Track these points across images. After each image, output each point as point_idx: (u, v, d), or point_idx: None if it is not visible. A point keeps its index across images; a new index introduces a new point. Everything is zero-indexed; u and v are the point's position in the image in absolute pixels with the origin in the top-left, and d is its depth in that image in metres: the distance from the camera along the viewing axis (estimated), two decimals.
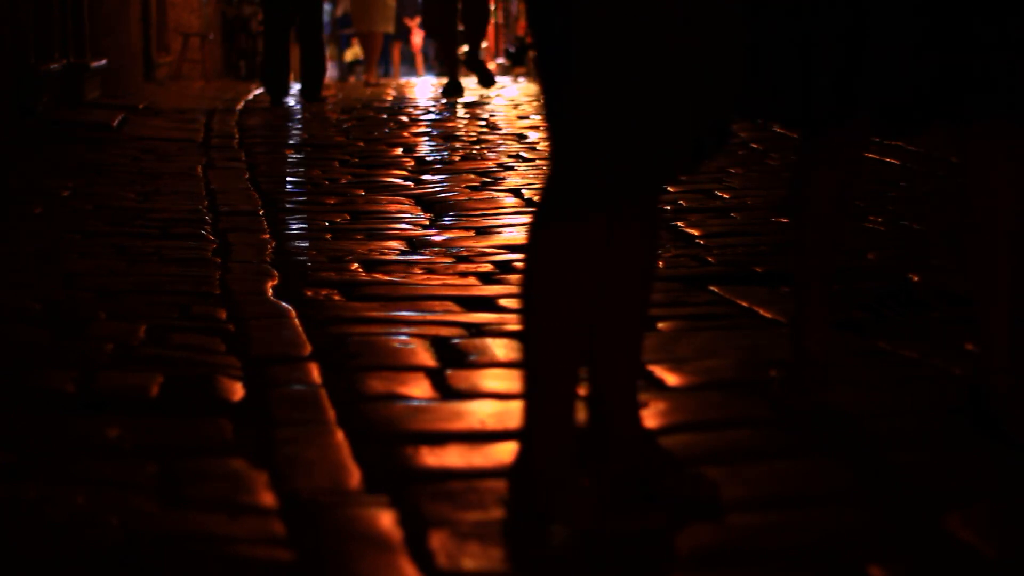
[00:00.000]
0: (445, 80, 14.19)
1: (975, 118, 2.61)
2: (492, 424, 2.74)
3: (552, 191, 2.26)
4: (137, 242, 4.92)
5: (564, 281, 2.23)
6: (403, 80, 19.00)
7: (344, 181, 6.97)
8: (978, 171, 2.65)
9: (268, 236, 5.07)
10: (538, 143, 8.80)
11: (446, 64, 14.53)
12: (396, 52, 31.19)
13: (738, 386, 2.99)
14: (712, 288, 3.99)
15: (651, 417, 2.75)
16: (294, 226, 5.36)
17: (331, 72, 31.04)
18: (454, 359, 3.24)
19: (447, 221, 5.52)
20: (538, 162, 7.69)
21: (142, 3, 14.81)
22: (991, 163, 2.62)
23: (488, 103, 13.01)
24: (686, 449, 2.56)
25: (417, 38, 30.76)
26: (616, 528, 2.17)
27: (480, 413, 2.82)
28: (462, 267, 4.46)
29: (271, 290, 4.05)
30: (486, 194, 6.38)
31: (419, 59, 31.30)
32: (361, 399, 2.90)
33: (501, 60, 29.66)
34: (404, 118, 11.28)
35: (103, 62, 11.79)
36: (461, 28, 14.83)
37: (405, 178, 7.03)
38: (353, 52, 28.66)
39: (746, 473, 2.43)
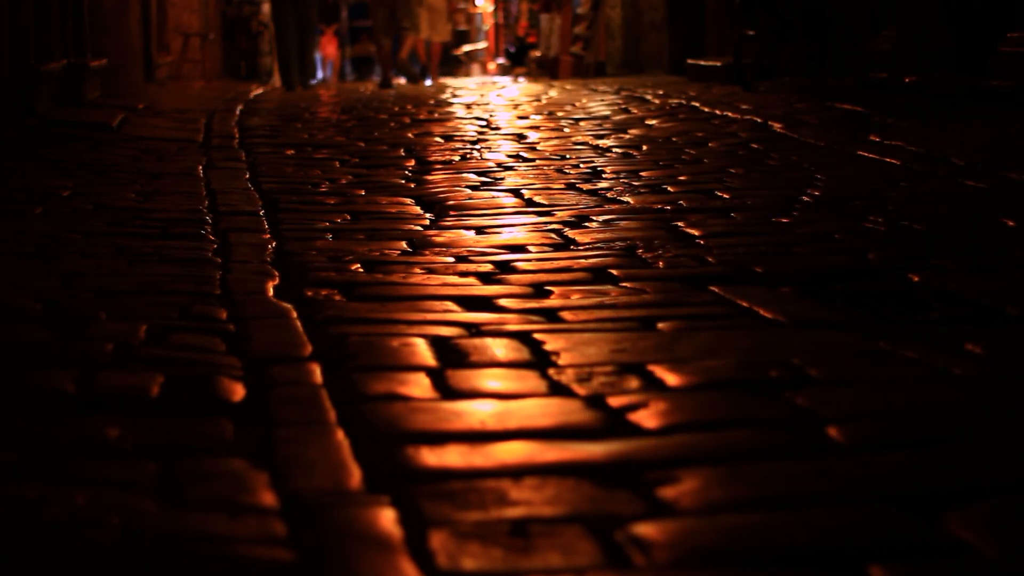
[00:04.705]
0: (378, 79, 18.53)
1: None
2: (492, 424, 2.74)
3: None
4: (137, 242, 4.92)
5: None
6: (401, 81, 19.00)
7: (344, 181, 6.98)
8: None
9: (268, 236, 5.07)
10: (538, 143, 8.81)
11: (381, 64, 18.12)
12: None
13: (738, 386, 2.99)
14: (712, 288, 3.99)
15: (651, 417, 2.75)
16: (294, 226, 5.36)
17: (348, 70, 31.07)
18: (454, 359, 3.24)
19: (447, 221, 5.52)
20: (538, 162, 7.69)
21: (142, 3, 14.83)
22: None
23: (488, 103, 13.01)
24: (686, 449, 2.56)
25: (330, 47, 30.88)
26: None
27: (480, 413, 2.82)
28: (462, 267, 4.46)
29: (271, 290, 4.05)
30: (486, 194, 6.38)
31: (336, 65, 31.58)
32: (361, 399, 2.90)
33: (501, 60, 29.74)
34: (405, 118, 11.28)
35: (103, 62, 11.81)
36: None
37: (405, 178, 7.04)
38: (362, 47, 28.65)
39: (746, 473, 2.43)
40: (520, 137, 9.22)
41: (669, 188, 6.36)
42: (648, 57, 19.07)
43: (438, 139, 9.25)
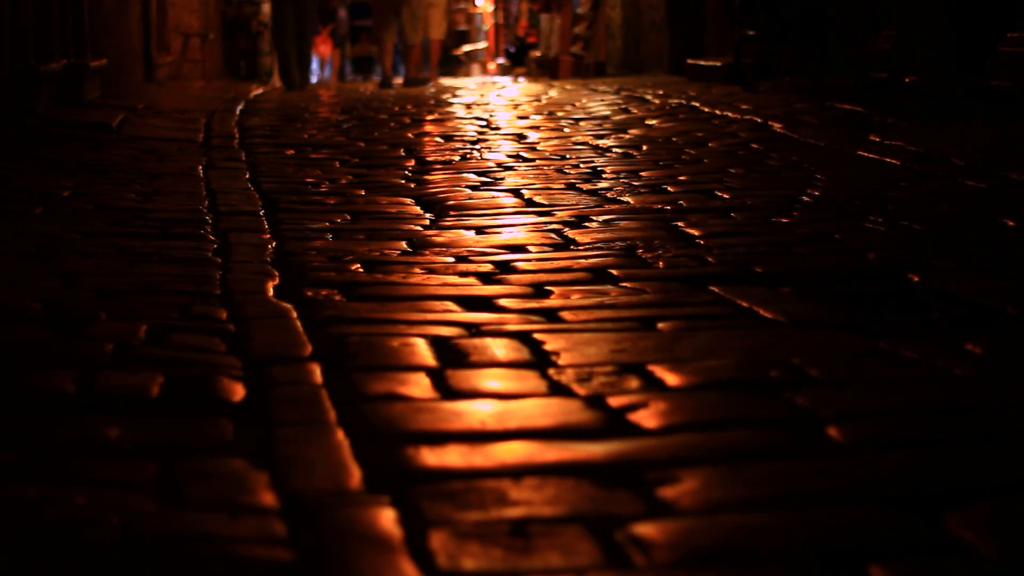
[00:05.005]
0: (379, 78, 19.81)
1: None
2: (492, 424, 2.74)
3: None
4: (137, 242, 4.92)
5: None
6: (399, 81, 19.03)
7: (344, 181, 6.98)
8: None
9: (268, 236, 5.07)
10: (538, 143, 8.81)
11: (382, 64, 19.18)
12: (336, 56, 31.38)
13: (738, 386, 2.99)
14: (712, 288, 3.99)
15: (651, 417, 2.75)
16: (294, 226, 5.36)
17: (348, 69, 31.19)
18: (454, 359, 3.24)
19: (447, 221, 5.52)
20: (538, 162, 7.69)
21: (142, 3, 14.83)
22: None
23: (488, 103, 13.01)
24: (686, 449, 2.56)
25: (323, 47, 31.09)
26: None
27: (480, 413, 2.82)
28: (462, 267, 4.46)
29: (271, 290, 4.05)
30: (486, 194, 6.38)
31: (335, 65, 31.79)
32: (361, 399, 2.90)
33: (501, 60, 29.77)
34: (405, 118, 11.28)
35: (103, 62, 11.81)
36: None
37: (405, 178, 7.04)
38: (363, 47, 28.67)
39: (746, 473, 2.43)
40: (520, 137, 9.22)
41: (669, 188, 6.36)
42: (648, 57, 19.07)
43: (438, 139, 9.25)
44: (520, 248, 4.82)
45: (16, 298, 3.89)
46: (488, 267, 4.45)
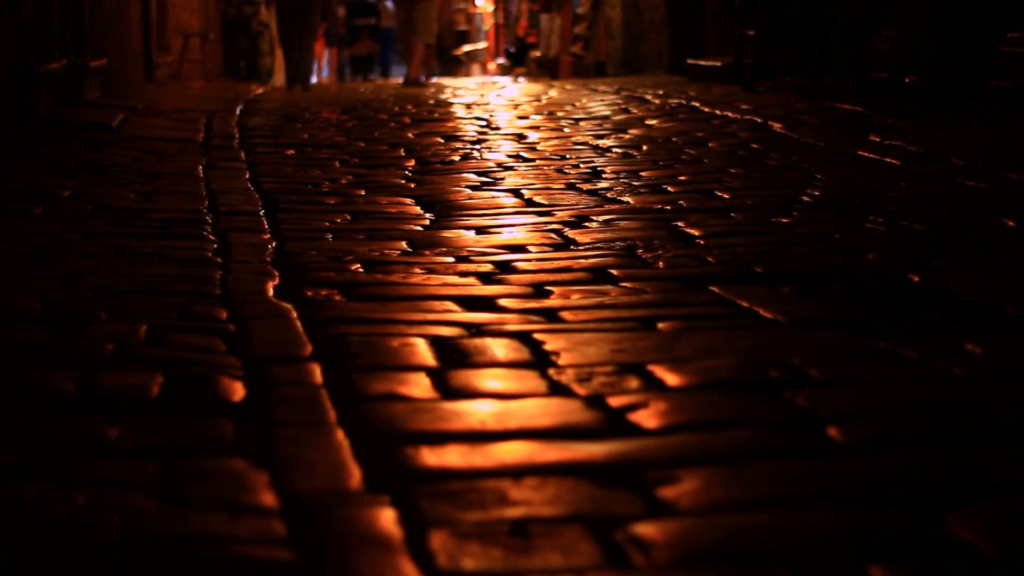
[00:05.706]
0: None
1: None
2: (492, 424, 2.74)
3: None
4: (137, 242, 4.92)
5: None
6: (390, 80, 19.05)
7: (344, 181, 6.98)
8: None
9: (268, 236, 5.07)
10: (538, 143, 8.81)
11: (406, 65, 19.89)
12: (333, 55, 31.51)
13: (738, 386, 2.99)
14: (712, 288, 3.99)
15: (651, 417, 2.75)
16: (294, 226, 5.36)
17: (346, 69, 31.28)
18: (454, 359, 3.24)
19: (447, 221, 5.52)
20: (538, 162, 7.70)
21: (142, 3, 14.83)
22: None
23: (488, 103, 13.02)
24: (686, 449, 2.56)
25: (316, 46, 31.47)
26: None
27: (480, 413, 2.82)
28: (462, 267, 4.46)
29: (271, 290, 4.05)
30: (486, 194, 6.38)
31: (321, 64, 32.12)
32: (361, 399, 2.90)
33: (501, 60, 29.80)
34: (405, 118, 11.29)
35: (103, 62, 11.81)
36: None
37: (405, 178, 7.04)
38: (367, 46, 28.70)
39: (746, 473, 2.43)
40: (520, 137, 9.22)
41: (669, 188, 6.36)
42: (648, 57, 19.07)
43: (438, 139, 9.24)
44: (520, 248, 4.82)
45: (16, 298, 3.89)
46: (488, 267, 4.45)
